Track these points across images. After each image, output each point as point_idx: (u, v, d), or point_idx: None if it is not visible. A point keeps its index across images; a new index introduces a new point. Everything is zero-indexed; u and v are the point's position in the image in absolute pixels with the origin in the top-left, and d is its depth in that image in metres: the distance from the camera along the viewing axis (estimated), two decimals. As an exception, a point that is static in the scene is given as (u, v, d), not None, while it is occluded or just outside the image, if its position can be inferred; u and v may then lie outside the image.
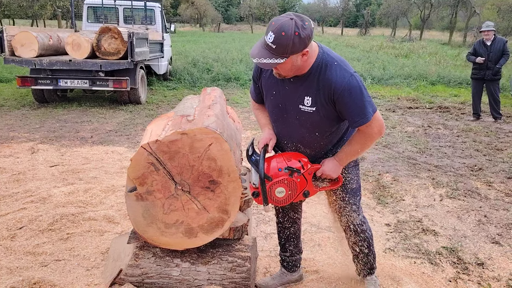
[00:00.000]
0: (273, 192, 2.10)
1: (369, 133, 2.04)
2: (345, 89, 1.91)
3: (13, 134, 6.11)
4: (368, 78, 12.39)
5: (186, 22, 61.05)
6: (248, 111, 8.27)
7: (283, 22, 1.76)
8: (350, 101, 1.93)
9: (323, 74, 1.94)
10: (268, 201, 2.09)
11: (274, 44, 1.77)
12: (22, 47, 7.57)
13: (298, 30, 1.76)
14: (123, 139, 6.08)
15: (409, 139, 6.44)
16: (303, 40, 1.79)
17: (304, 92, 2.01)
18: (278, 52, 1.78)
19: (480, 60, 7.55)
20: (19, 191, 3.90)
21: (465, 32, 35.25)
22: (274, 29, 1.77)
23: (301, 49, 1.81)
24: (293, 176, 2.09)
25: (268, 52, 1.80)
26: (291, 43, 1.76)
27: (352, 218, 2.35)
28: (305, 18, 1.82)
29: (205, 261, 2.43)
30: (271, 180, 2.07)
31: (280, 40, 1.76)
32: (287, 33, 1.75)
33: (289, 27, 1.75)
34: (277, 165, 2.10)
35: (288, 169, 2.07)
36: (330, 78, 1.93)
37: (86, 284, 2.52)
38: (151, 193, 2.20)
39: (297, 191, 2.13)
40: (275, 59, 1.80)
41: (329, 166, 2.15)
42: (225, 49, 19.13)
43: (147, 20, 10.62)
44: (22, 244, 2.95)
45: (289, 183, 2.10)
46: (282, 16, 1.82)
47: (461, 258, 3.09)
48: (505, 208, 4.00)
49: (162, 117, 2.55)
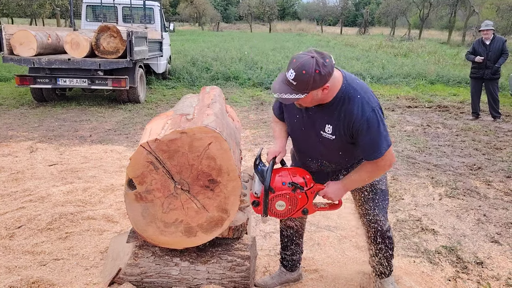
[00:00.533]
0: (274, 204, 2.12)
1: (379, 165, 2.07)
2: (364, 124, 1.94)
3: (12, 133, 6.10)
4: (367, 77, 12.38)
5: (185, 21, 61.02)
6: (247, 110, 8.27)
7: (304, 60, 1.79)
8: (367, 136, 1.97)
9: (345, 106, 1.96)
10: (267, 213, 2.12)
11: (295, 81, 1.81)
12: (21, 46, 7.56)
13: (319, 68, 1.79)
14: (122, 138, 6.07)
15: (408, 138, 6.44)
16: (324, 77, 1.82)
17: (326, 120, 2.04)
18: (298, 89, 1.82)
19: (479, 59, 7.54)
20: (18, 190, 3.89)
21: (464, 31, 35.25)
22: (295, 67, 1.80)
23: (321, 85, 1.84)
24: (295, 192, 2.11)
25: (289, 88, 1.84)
26: (311, 81, 1.79)
27: (381, 223, 2.31)
28: (326, 55, 1.84)
29: (204, 260, 2.43)
30: (273, 193, 2.09)
31: (301, 77, 1.79)
32: (308, 71, 1.78)
33: (310, 65, 1.78)
34: (282, 179, 2.12)
35: (292, 184, 2.10)
36: (352, 112, 1.95)
37: (85, 283, 2.51)
38: (150, 192, 2.20)
39: (297, 207, 2.16)
40: (296, 94, 1.84)
41: (333, 189, 2.18)
42: (224, 48, 19.12)
43: (146, 19, 10.60)
44: (20, 243, 2.95)
45: (291, 198, 2.12)
46: (303, 53, 1.84)
47: (460, 257, 3.09)
48: (504, 207, 4.00)
49: (161, 116, 2.55)
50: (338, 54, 18.25)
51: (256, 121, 7.38)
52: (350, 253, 3.08)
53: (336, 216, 3.61)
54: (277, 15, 60.06)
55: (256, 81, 11.43)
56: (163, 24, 11.08)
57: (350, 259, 2.99)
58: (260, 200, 2.11)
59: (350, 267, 2.87)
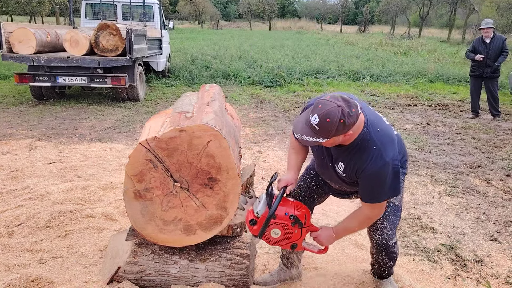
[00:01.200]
0: (270, 230, 2.15)
1: (368, 215, 2.13)
2: (371, 175, 1.96)
3: (11, 131, 6.09)
4: (367, 75, 12.38)
5: (185, 19, 60.93)
6: (247, 108, 8.27)
7: (330, 109, 1.77)
8: (370, 184, 2.01)
9: (359, 153, 1.96)
10: (262, 236, 2.15)
11: (318, 127, 1.79)
12: (20, 44, 7.54)
13: (344, 118, 1.77)
14: (122, 136, 6.06)
15: (408, 137, 6.44)
16: (348, 126, 1.81)
17: (340, 158, 2.06)
18: (321, 134, 1.81)
19: (479, 57, 7.52)
20: (17, 188, 3.89)
21: (464, 29, 35.23)
22: (320, 113, 1.78)
23: (344, 133, 1.84)
24: (294, 225, 2.16)
25: (311, 131, 1.83)
26: (334, 129, 1.79)
27: (387, 236, 2.29)
28: (352, 105, 1.81)
29: (203, 258, 2.43)
30: (274, 219, 2.13)
31: (325, 125, 1.78)
32: (332, 120, 1.76)
33: (335, 114, 1.76)
34: (286, 209, 2.16)
35: (294, 218, 2.15)
36: (364, 161, 1.95)
37: (84, 281, 2.51)
38: (149, 190, 2.19)
39: (289, 239, 2.21)
40: (317, 138, 1.83)
41: (325, 234, 2.23)
42: (223, 46, 19.10)
43: (146, 17, 10.58)
44: (20, 241, 2.94)
45: (288, 229, 2.17)
46: (329, 99, 1.81)
47: (459, 255, 3.09)
48: (504, 206, 4.01)
49: (161, 114, 2.54)
50: (338, 52, 18.24)
51: (255, 119, 7.37)
52: (350, 251, 3.08)
53: (335, 214, 3.61)
54: (276, 13, 59.95)
55: (256, 79, 11.42)
56: (162, 22, 11.06)
57: (349, 257, 2.99)
58: (259, 222, 2.14)
59: (349, 265, 2.87)
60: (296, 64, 13.58)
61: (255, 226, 2.15)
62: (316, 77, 12.27)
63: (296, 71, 12.46)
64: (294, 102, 9.05)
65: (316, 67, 13.17)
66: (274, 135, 6.34)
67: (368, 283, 2.65)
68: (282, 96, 9.77)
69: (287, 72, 12.06)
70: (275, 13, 58.51)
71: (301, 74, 12.24)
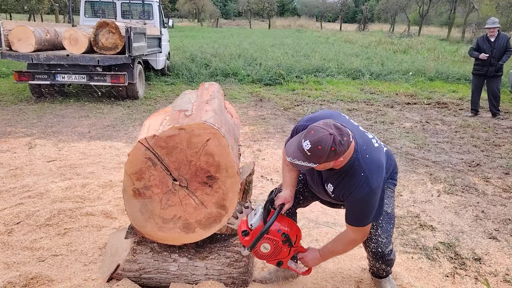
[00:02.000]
0: (260, 244, 2.18)
1: (352, 238, 2.17)
2: (356, 201, 2.03)
3: (10, 129, 6.09)
4: (366, 73, 12.38)
5: (184, 17, 60.84)
6: (246, 107, 8.27)
7: (322, 137, 1.80)
8: (355, 209, 2.08)
9: (347, 178, 2.02)
10: (252, 249, 2.17)
11: (309, 153, 1.83)
12: (19, 42, 7.53)
13: (335, 146, 1.81)
14: (121, 134, 6.06)
15: (407, 135, 6.44)
16: (338, 154, 1.84)
17: (330, 180, 2.12)
18: (311, 160, 1.85)
19: (483, 56, 7.47)
20: (17, 186, 3.89)
21: (464, 28, 35.23)
22: (312, 140, 1.81)
23: (334, 160, 1.87)
24: (284, 244, 2.20)
25: (302, 156, 1.86)
26: (325, 156, 1.82)
27: (382, 245, 2.30)
28: (344, 133, 1.85)
29: (202, 256, 2.43)
30: (267, 234, 2.16)
31: (316, 151, 1.81)
32: (324, 148, 1.80)
33: (327, 142, 1.80)
34: (279, 227, 2.19)
35: (285, 236, 2.19)
36: (350, 186, 2.02)
37: (83, 279, 2.51)
38: (148, 188, 2.20)
39: (277, 256, 2.24)
40: (308, 163, 1.87)
41: (311, 255, 2.30)
42: (223, 44, 19.08)
43: (145, 15, 10.56)
44: (19, 239, 2.95)
45: (277, 247, 2.20)
46: (322, 127, 1.84)
47: (458, 253, 3.10)
48: (503, 204, 4.01)
49: (160, 112, 2.54)
50: (338, 50, 18.23)
51: (255, 117, 7.37)
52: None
53: (334, 212, 3.61)
54: (276, 11, 59.87)
55: (255, 78, 11.42)
56: (162, 20, 11.05)
57: (348, 255, 2.99)
58: (252, 235, 2.16)
59: (348, 263, 2.88)
60: (296, 62, 13.58)
61: (247, 237, 2.17)
62: (315, 75, 12.26)
63: (296, 69, 12.46)
64: (293, 100, 9.05)
65: (316, 65, 13.17)
66: (274, 133, 6.34)
67: (367, 280, 2.66)
68: (282, 94, 9.77)
69: (286, 71, 12.05)
70: (275, 11, 58.43)
71: (300, 72, 12.24)
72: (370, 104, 8.82)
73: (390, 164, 2.27)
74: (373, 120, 7.34)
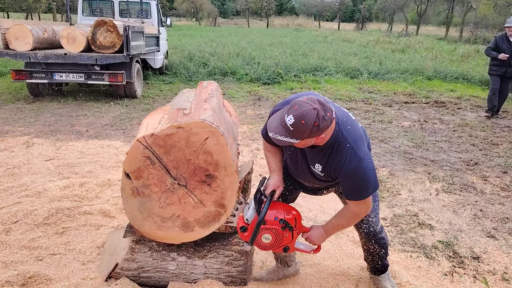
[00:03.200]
0: (261, 236, 2.16)
1: (356, 211, 2.15)
2: (350, 173, 2.00)
3: (8, 128, 6.07)
4: (364, 72, 12.38)
5: (182, 16, 60.78)
6: (245, 106, 8.26)
7: (306, 111, 1.79)
8: (351, 182, 2.05)
9: (334, 153, 2.01)
10: (253, 243, 2.16)
11: (292, 128, 1.81)
12: (17, 40, 7.49)
13: (319, 121, 1.80)
14: (119, 133, 6.05)
15: (406, 134, 6.45)
16: (321, 129, 1.83)
17: (316, 159, 2.09)
18: (294, 135, 1.83)
19: (503, 56, 7.18)
20: (14, 185, 3.88)
21: (462, 27, 35.28)
22: (296, 114, 1.79)
23: (316, 135, 1.86)
24: (284, 230, 2.17)
25: (284, 131, 1.85)
26: (308, 131, 1.81)
27: (373, 223, 2.33)
28: (327, 108, 1.84)
29: (201, 255, 2.43)
30: (264, 225, 2.14)
31: (299, 126, 1.79)
32: (307, 123, 1.78)
33: (310, 117, 1.78)
34: (275, 214, 2.17)
35: (284, 222, 2.16)
36: (339, 160, 2.00)
37: (82, 278, 2.51)
38: (147, 187, 2.19)
39: (281, 243, 2.21)
40: (290, 138, 1.85)
41: (316, 233, 2.26)
42: (221, 43, 19.06)
43: (143, 14, 10.53)
44: (17, 238, 2.94)
45: (278, 234, 2.18)
46: (305, 101, 1.83)
47: (456, 252, 3.10)
48: (501, 203, 4.02)
49: (158, 111, 2.54)
50: (336, 49, 18.23)
51: (253, 116, 7.37)
52: (347, 248, 3.09)
53: (333, 211, 3.61)
54: (274, 10, 59.86)
55: (254, 77, 11.41)
56: (160, 19, 11.02)
57: (347, 254, 3.00)
58: (250, 229, 2.15)
59: (347, 262, 2.88)
60: (294, 61, 13.57)
61: (246, 232, 2.16)
62: (313, 74, 12.26)
63: (294, 68, 12.45)
64: (291, 99, 9.03)
65: (314, 64, 13.16)
66: (272, 132, 6.33)
67: (366, 279, 2.66)
68: (280, 93, 9.77)
69: (285, 70, 12.04)
70: (273, 10, 58.41)
71: (298, 72, 12.23)
72: (368, 103, 8.83)
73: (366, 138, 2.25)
74: (371, 119, 7.35)
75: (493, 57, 7.40)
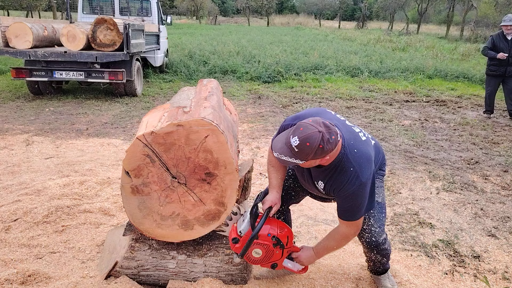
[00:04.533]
0: (252, 250, 2.18)
1: (345, 232, 2.19)
2: (348, 196, 2.04)
3: (8, 126, 6.06)
4: (365, 71, 12.36)
5: (183, 14, 60.69)
6: (245, 104, 8.25)
7: (311, 134, 1.81)
8: (347, 204, 2.09)
9: (337, 174, 2.03)
10: (243, 256, 2.17)
11: (297, 149, 1.83)
12: (17, 38, 7.48)
13: (323, 144, 1.82)
14: (119, 131, 6.04)
15: (406, 133, 6.44)
16: (326, 151, 1.85)
17: (320, 177, 2.13)
18: (298, 156, 1.85)
19: (502, 56, 7.02)
20: (14, 183, 3.87)
21: (462, 26, 35.22)
22: (301, 136, 1.82)
23: (321, 157, 1.89)
24: (276, 247, 2.19)
25: (289, 152, 1.87)
26: (312, 153, 1.83)
27: (376, 234, 2.31)
28: (333, 131, 1.86)
29: (201, 253, 2.42)
30: (257, 240, 2.16)
31: (304, 148, 1.82)
32: (312, 145, 1.81)
33: (315, 140, 1.80)
34: (269, 230, 2.19)
35: (276, 239, 2.18)
36: (341, 182, 2.03)
37: (81, 277, 2.50)
38: (147, 185, 2.18)
39: (270, 259, 2.24)
40: (295, 159, 1.87)
41: (306, 254, 2.33)
42: (221, 41, 19.03)
43: (143, 12, 10.51)
44: (16, 237, 2.93)
45: (269, 250, 2.20)
46: (311, 124, 1.85)
47: (457, 251, 3.10)
48: (501, 201, 4.01)
49: (158, 109, 2.52)
50: (336, 48, 18.20)
51: (253, 114, 7.35)
52: (348, 247, 3.08)
53: (333, 210, 3.60)
54: (275, 8, 59.75)
55: (254, 75, 11.39)
56: (160, 17, 11.00)
57: (347, 252, 2.99)
58: (242, 241, 2.16)
59: (347, 260, 2.87)
60: (294, 59, 13.55)
61: (237, 244, 2.18)
62: (314, 72, 12.24)
63: (294, 66, 12.43)
64: (292, 97, 9.03)
65: (314, 62, 13.14)
66: (272, 130, 6.32)
67: (366, 278, 2.65)
68: (280, 91, 9.75)
69: (285, 68, 12.03)
70: (273, 9, 58.30)
71: (299, 70, 12.22)
72: (368, 102, 8.81)
73: (378, 156, 2.28)
74: (371, 118, 7.33)
75: (492, 57, 7.22)
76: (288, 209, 2.59)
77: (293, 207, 3.61)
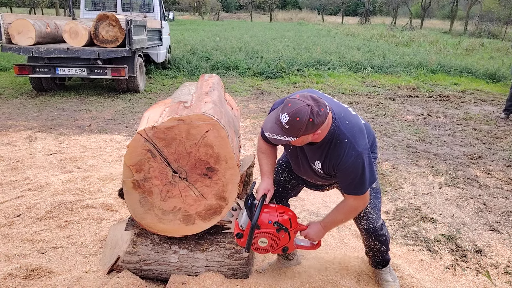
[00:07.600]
0: (257, 240, 2.16)
1: (353, 206, 2.15)
2: (348, 168, 1.99)
3: (11, 122, 6.08)
4: (368, 66, 12.32)
5: (185, 10, 60.61)
6: (247, 100, 8.24)
7: (299, 108, 1.79)
8: (349, 177, 2.04)
9: (332, 148, 2.00)
10: (250, 248, 2.15)
11: (288, 125, 1.81)
12: (19, 35, 7.49)
13: (313, 117, 1.80)
14: (122, 127, 6.05)
15: (409, 128, 6.42)
16: (316, 125, 1.83)
17: (315, 157, 2.09)
18: (290, 133, 1.83)
19: None
20: (17, 179, 3.89)
21: (466, 20, 35.01)
22: (290, 112, 1.80)
23: (312, 132, 1.86)
24: (279, 232, 2.17)
25: (280, 130, 1.85)
26: (303, 128, 1.81)
27: (373, 220, 2.32)
28: (321, 104, 1.84)
29: (203, 248, 2.43)
30: (259, 229, 2.13)
31: (294, 123, 1.80)
32: (302, 119, 1.78)
33: (304, 113, 1.78)
34: (269, 217, 2.16)
35: (277, 224, 2.15)
36: (338, 155, 1.99)
37: (84, 271, 2.52)
38: (148, 180, 2.19)
39: (278, 245, 2.21)
40: (286, 137, 1.85)
41: (314, 230, 2.26)
42: (224, 37, 19.00)
43: (146, 8, 10.50)
44: (20, 232, 2.95)
45: (274, 237, 2.17)
46: (299, 98, 1.83)
47: (459, 245, 3.09)
48: (504, 196, 4.00)
49: (159, 104, 2.53)
50: (339, 43, 18.15)
51: (256, 110, 7.35)
52: (349, 242, 3.08)
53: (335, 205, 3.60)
54: (277, 4, 59.55)
55: (256, 71, 11.37)
56: (162, 13, 10.98)
57: (349, 247, 3.00)
58: (245, 235, 2.15)
59: (349, 255, 2.87)
60: (297, 55, 13.52)
61: (242, 239, 2.17)
62: (317, 68, 12.21)
63: (297, 62, 12.41)
64: (294, 93, 9.01)
65: (317, 58, 13.11)
66: (275, 126, 6.31)
67: (367, 272, 2.65)
68: (283, 87, 9.74)
69: (288, 64, 12.00)
70: (276, 4, 58.11)
71: (302, 66, 12.19)
72: (371, 97, 8.79)
73: (370, 136, 2.24)
74: (374, 113, 7.32)
75: None
76: (287, 203, 2.59)
77: (295, 202, 3.63)
